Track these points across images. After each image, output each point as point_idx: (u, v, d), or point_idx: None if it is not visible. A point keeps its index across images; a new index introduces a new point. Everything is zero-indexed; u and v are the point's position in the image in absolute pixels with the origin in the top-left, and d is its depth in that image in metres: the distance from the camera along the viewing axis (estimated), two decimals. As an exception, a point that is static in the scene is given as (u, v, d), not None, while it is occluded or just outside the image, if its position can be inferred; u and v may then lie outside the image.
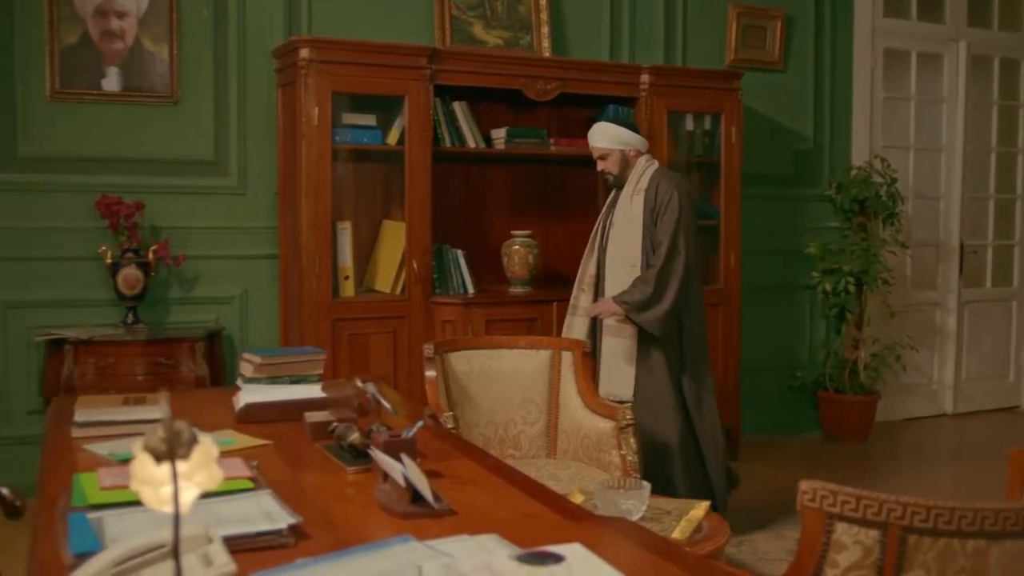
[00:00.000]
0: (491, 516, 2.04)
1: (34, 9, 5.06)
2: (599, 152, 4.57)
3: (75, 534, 1.79)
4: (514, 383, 4.02)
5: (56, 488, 2.18)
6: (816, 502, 1.76)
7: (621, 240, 4.49)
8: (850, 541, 1.73)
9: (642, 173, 4.52)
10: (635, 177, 4.53)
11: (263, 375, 3.13)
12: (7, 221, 5.04)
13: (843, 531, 1.74)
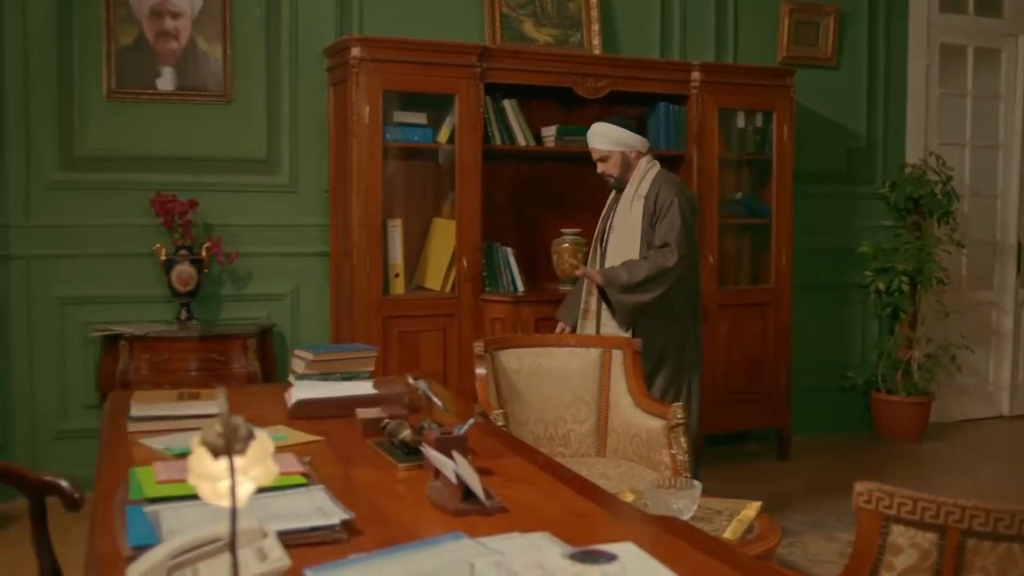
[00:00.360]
0: (542, 514, 2.04)
1: (91, 10, 5.14)
2: (599, 154, 4.48)
3: (132, 527, 1.81)
4: (564, 381, 4.01)
5: (113, 481, 2.21)
6: (872, 504, 1.73)
7: (619, 247, 4.41)
8: (906, 544, 1.71)
9: (643, 177, 4.43)
10: (636, 180, 4.43)
11: (315, 371, 3.15)
12: (65, 219, 5.13)
13: (899, 534, 1.71)
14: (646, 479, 3.32)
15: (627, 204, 4.42)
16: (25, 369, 5.14)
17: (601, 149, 4.46)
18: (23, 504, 4.90)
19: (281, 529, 1.68)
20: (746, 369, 5.90)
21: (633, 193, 4.41)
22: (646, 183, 4.40)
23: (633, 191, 4.41)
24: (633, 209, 4.38)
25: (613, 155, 4.44)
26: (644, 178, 4.42)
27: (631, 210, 4.39)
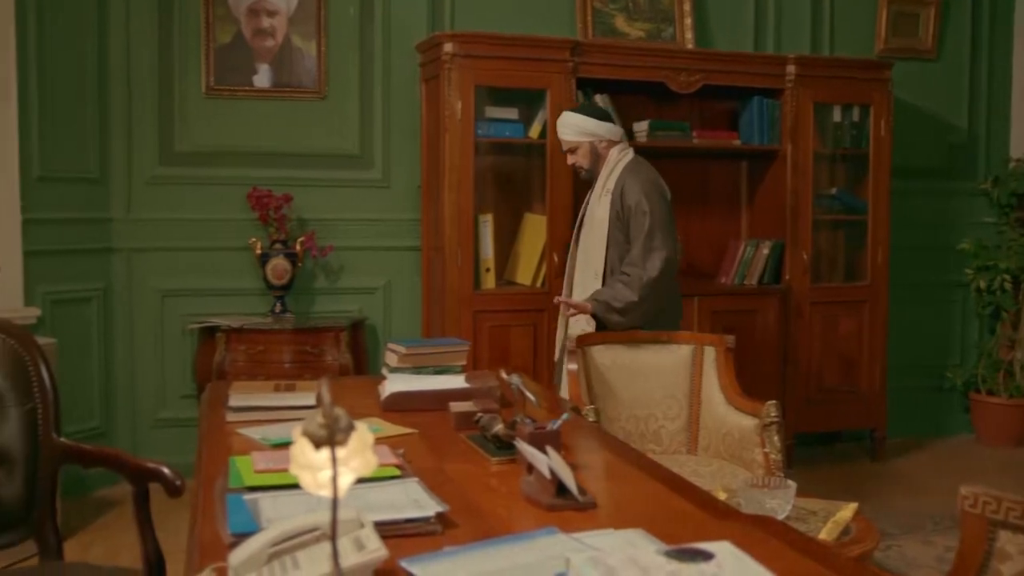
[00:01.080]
0: (636, 511, 2.02)
1: (192, 10, 5.26)
2: (567, 145, 4.31)
3: (233, 514, 1.84)
4: (655, 378, 3.98)
5: (214, 470, 2.25)
6: (978, 508, 1.69)
7: (587, 244, 4.26)
8: (1015, 551, 1.66)
9: (612, 168, 4.24)
10: (606, 173, 4.25)
11: (407, 365, 3.17)
12: (164, 213, 5.26)
13: (1007, 540, 1.66)
14: (739, 477, 3.28)
15: (596, 199, 4.25)
16: (126, 359, 5.29)
17: (568, 140, 4.28)
18: (124, 489, 5.04)
19: (377, 520, 1.70)
20: (839, 368, 5.79)
21: (602, 187, 4.23)
22: (613, 177, 4.21)
23: (602, 185, 4.24)
24: (600, 204, 4.21)
25: (581, 145, 4.25)
26: (613, 171, 4.23)
27: (599, 205, 4.22)
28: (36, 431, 2.66)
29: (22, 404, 2.65)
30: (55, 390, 2.71)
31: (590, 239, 4.23)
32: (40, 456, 2.65)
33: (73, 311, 5.05)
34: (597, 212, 4.20)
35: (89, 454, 2.71)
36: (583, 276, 4.26)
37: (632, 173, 4.18)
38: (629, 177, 4.16)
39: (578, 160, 4.29)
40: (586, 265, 4.26)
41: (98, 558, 4.07)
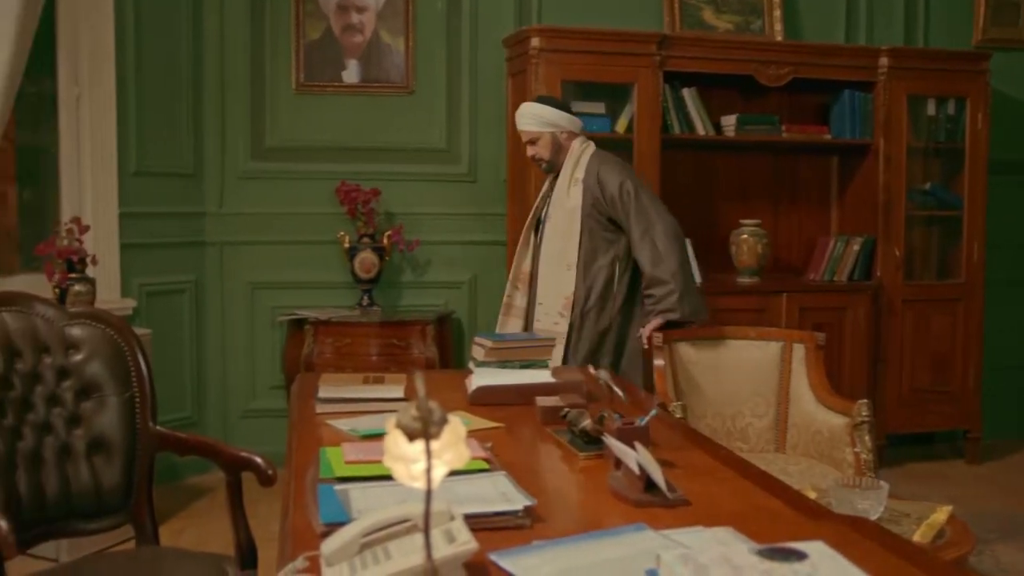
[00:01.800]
0: (725, 508, 2.00)
1: (282, 7, 5.34)
2: (527, 136, 4.15)
3: (325, 504, 1.87)
4: (743, 374, 3.94)
5: (304, 460, 2.28)
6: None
7: (556, 236, 4.10)
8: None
9: (578, 159, 4.11)
10: (571, 164, 4.11)
11: (494, 359, 3.18)
12: (255, 207, 5.35)
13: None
14: (829, 477, 3.23)
15: (564, 190, 4.09)
16: (217, 350, 5.40)
17: (529, 131, 4.13)
18: (215, 478, 5.16)
19: (466, 512, 1.70)
20: (932, 367, 5.65)
21: (569, 178, 4.08)
22: (582, 167, 4.08)
23: (569, 176, 4.08)
24: (571, 195, 4.05)
25: (542, 136, 4.11)
26: (579, 161, 4.10)
27: (569, 196, 4.06)
28: (134, 419, 2.73)
29: (121, 393, 2.72)
30: (152, 379, 2.77)
31: (560, 232, 4.07)
32: (137, 443, 2.72)
33: (167, 303, 5.17)
34: (567, 203, 4.05)
35: (184, 442, 2.77)
36: (554, 270, 4.09)
37: (605, 161, 4.08)
38: (602, 164, 4.05)
39: (538, 151, 4.14)
40: (557, 259, 4.09)
41: (189, 544, 4.15)
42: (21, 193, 4.95)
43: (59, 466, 2.63)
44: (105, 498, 2.68)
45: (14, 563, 2.19)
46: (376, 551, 1.54)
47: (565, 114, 4.14)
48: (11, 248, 4.92)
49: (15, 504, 2.49)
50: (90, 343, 2.74)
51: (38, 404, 2.64)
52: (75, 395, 2.69)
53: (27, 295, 2.74)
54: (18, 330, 2.64)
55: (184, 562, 2.52)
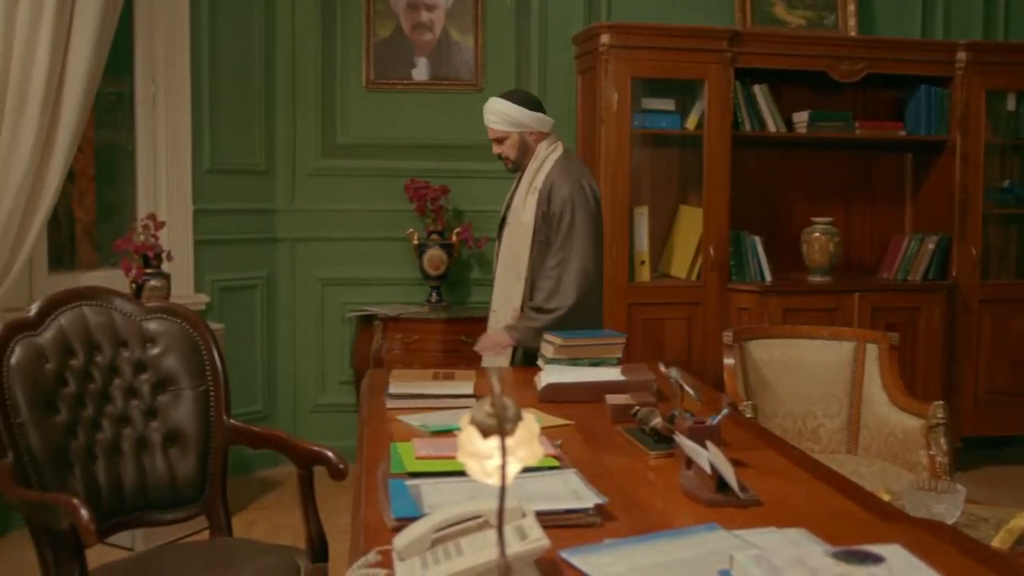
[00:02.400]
0: (798, 510, 1.98)
1: (353, 5, 5.39)
2: (494, 134, 3.89)
3: (396, 499, 1.88)
4: (815, 374, 3.89)
5: (376, 455, 2.30)
6: None
7: (510, 245, 3.87)
8: None
9: (540, 164, 3.83)
10: (533, 169, 3.84)
11: (563, 356, 3.18)
12: (326, 204, 5.41)
13: None
14: (902, 480, 3.17)
15: (522, 197, 3.84)
16: (288, 345, 5.47)
17: (496, 129, 3.88)
18: (285, 471, 5.22)
19: (537, 510, 1.70)
20: (1010, 369, 5.53)
21: (528, 185, 3.83)
22: (541, 174, 3.81)
23: (529, 182, 3.84)
24: (527, 205, 3.80)
25: (510, 136, 3.85)
26: (541, 168, 3.83)
27: (524, 206, 3.81)
28: (209, 412, 2.77)
29: (196, 386, 2.77)
30: (226, 373, 2.82)
31: (514, 240, 3.85)
32: (212, 436, 2.77)
33: (238, 298, 5.25)
34: (523, 215, 3.82)
35: (258, 436, 2.81)
36: (506, 278, 3.89)
37: (562, 172, 3.79)
38: (559, 177, 3.77)
39: (505, 151, 3.89)
40: (508, 267, 3.87)
41: (260, 536, 4.21)
42: (99, 190, 5.06)
43: (136, 457, 2.68)
44: (180, 489, 2.73)
45: (92, 551, 2.24)
46: (448, 547, 1.55)
47: (534, 114, 3.88)
48: (90, 244, 5.04)
49: (95, 494, 2.54)
50: (167, 337, 2.79)
51: (116, 397, 2.70)
52: (152, 388, 2.75)
53: (106, 290, 2.80)
54: (98, 324, 2.69)
55: (257, 554, 2.56)
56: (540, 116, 3.88)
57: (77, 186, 4.88)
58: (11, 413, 2.39)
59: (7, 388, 2.41)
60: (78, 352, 2.63)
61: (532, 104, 3.91)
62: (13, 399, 2.41)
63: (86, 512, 2.09)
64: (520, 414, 1.25)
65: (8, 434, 2.37)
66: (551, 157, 3.85)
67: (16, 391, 2.42)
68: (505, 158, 3.91)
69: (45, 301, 2.64)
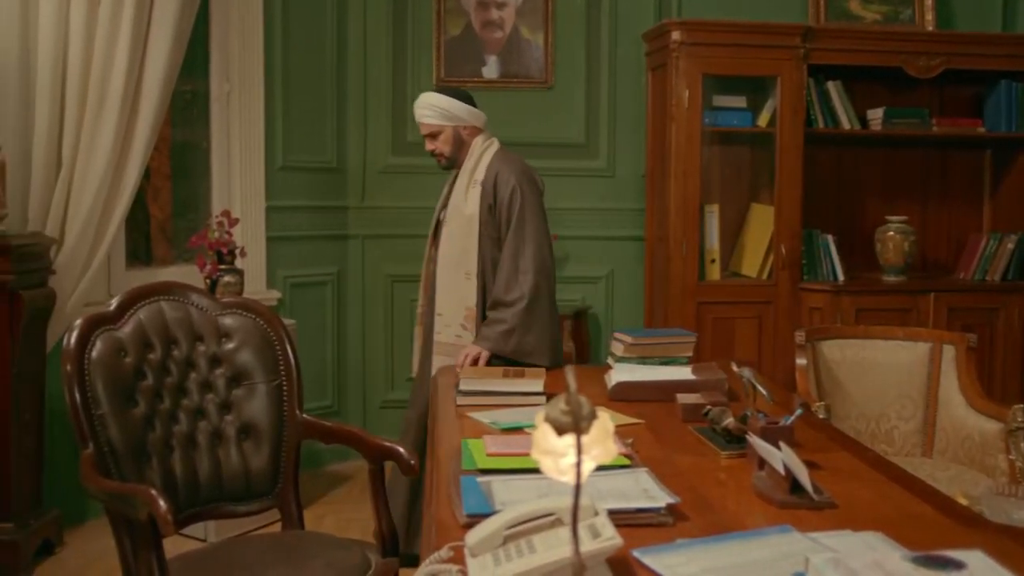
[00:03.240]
0: (874, 513, 1.95)
1: (424, 4, 5.42)
2: (428, 129, 3.79)
3: (468, 496, 1.89)
4: (889, 376, 3.82)
5: (446, 451, 2.32)
6: None
7: (454, 242, 3.73)
8: None
9: (478, 159, 3.76)
10: (471, 163, 3.76)
11: (633, 355, 3.17)
12: (395, 201, 5.45)
13: None
14: (980, 484, 3.11)
15: (462, 192, 3.74)
16: (358, 342, 5.52)
17: (430, 123, 3.77)
18: (354, 466, 5.26)
19: (609, 508, 1.70)
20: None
21: (468, 179, 3.74)
22: (482, 168, 3.74)
23: (468, 177, 3.74)
24: (469, 198, 3.71)
25: (444, 131, 3.76)
26: (480, 161, 3.76)
27: (467, 199, 3.71)
28: (281, 407, 2.81)
29: (269, 381, 2.81)
30: (298, 368, 2.85)
31: (457, 237, 3.72)
32: (284, 430, 2.80)
33: (310, 294, 5.31)
34: (466, 208, 3.71)
35: (330, 431, 2.84)
36: (452, 278, 3.73)
37: (505, 162, 3.73)
38: (502, 166, 3.71)
39: (439, 147, 3.79)
40: (454, 266, 3.73)
41: (329, 530, 4.24)
42: (175, 187, 5.16)
43: (211, 450, 2.73)
44: (253, 482, 2.77)
45: (167, 541, 2.28)
46: (520, 544, 1.55)
47: (468, 107, 3.80)
48: (165, 240, 5.13)
49: (171, 485, 2.59)
50: (241, 332, 2.83)
51: (192, 390, 2.74)
52: (227, 382, 2.79)
53: (183, 285, 2.85)
54: (175, 319, 2.74)
55: (329, 547, 2.59)
56: (474, 110, 3.82)
57: (152, 183, 4.98)
58: (92, 405, 2.45)
59: (88, 381, 2.47)
60: (156, 346, 2.68)
61: (465, 98, 3.84)
62: (94, 391, 2.47)
63: (164, 503, 2.13)
64: (595, 412, 1.24)
65: (89, 425, 2.42)
66: (488, 151, 3.79)
67: (97, 384, 2.48)
68: (439, 154, 3.81)
69: (124, 296, 2.69)
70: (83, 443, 2.42)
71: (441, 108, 3.75)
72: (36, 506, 4.00)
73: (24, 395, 3.87)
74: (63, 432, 4.12)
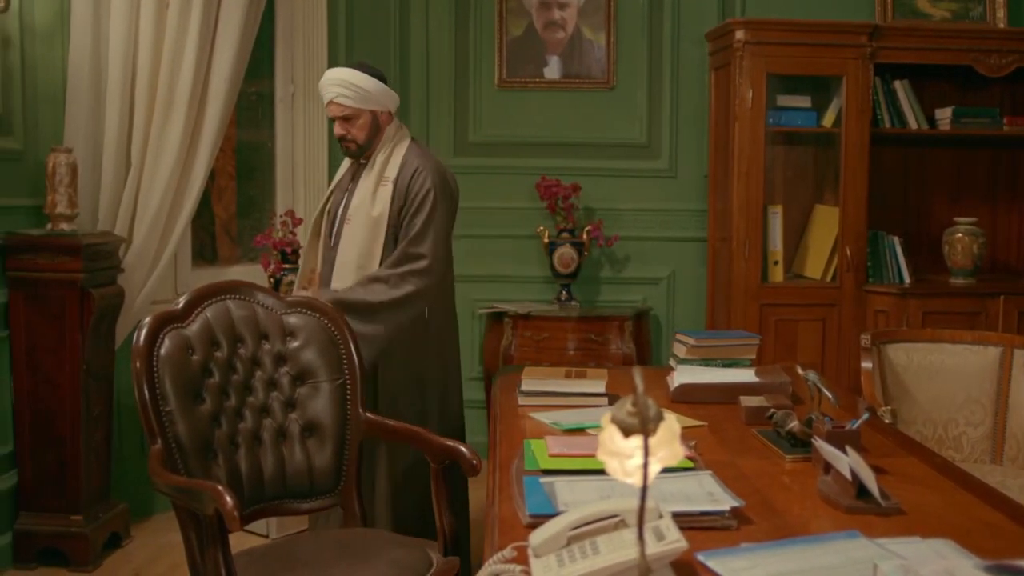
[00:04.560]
0: (943, 520, 1.92)
1: (486, 5, 5.43)
2: (342, 111, 3.34)
3: (531, 496, 1.89)
4: (957, 380, 3.75)
5: (509, 451, 2.32)
6: None
7: (356, 243, 3.34)
8: None
9: (390, 152, 3.38)
10: (383, 156, 3.37)
11: (696, 357, 3.15)
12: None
13: None
14: (1052, 492, 3.04)
15: (370, 188, 3.35)
16: (419, 341, 5.54)
17: (348, 106, 3.33)
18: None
19: (673, 511, 1.69)
20: None
21: (379, 175, 3.36)
22: (395, 162, 3.36)
23: (379, 172, 3.36)
24: (379, 197, 3.33)
25: (362, 115, 3.35)
26: (392, 155, 3.38)
27: (376, 198, 3.33)
28: (345, 405, 2.83)
29: (333, 379, 2.83)
30: (362, 367, 2.87)
31: (361, 237, 3.34)
32: (348, 429, 2.82)
33: (372, 294, 5.34)
34: (373, 208, 3.32)
35: (393, 430, 2.86)
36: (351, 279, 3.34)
37: (422, 161, 3.38)
38: (418, 166, 3.36)
39: (353, 132, 3.36)
40: (355, 269, 3.35)
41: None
42: (239, 187, 5.22)
43: (276, 447, 2.76)
44: (317, 480, 2.79)
45: (230, 537, 2.31)
46: (584, 545, 1.55)
47: (388, 90, 3.42)
48: (229, 240, 5.20)
49: (236, 482, 2.62)
50: (306, 331, 2.86)
51: (258, 388, 2.78)
52: (291, 380, 2.82)
53: (249, 284, 2.88)
54: (241, 318, 2.78)
55: (391, 545, 2.60)
56: (392, 93, 3.45)
57: (217, 183, 5.05)
58: (160, 402, 2.49)
59: (157, 377, 2.51)
60: (223, 344, 2.72)
61: (383, 79, 3.44)
62: (162, 388, 2.50)
63: (231, 499, 2.16)
64: (662, 414, 1.24)
65: (158, 421, 2.46)
66: (401, 143, 3.42)
67: (165, 380, 2.52)
68: (351, 140, 3.38)
69: (192, 294, 2.73)
70: (152, 439, 2.46)
71: (362, 89, 3.33)
72: (104, 500, 4.08)
73: (94, 391, 3.95)
74: (131, 427, 4.20)
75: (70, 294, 3.81)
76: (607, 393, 2.82)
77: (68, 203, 3.88)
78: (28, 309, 3.82)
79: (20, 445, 3.87)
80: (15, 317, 3.82)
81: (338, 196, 3.48)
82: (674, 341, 3.30)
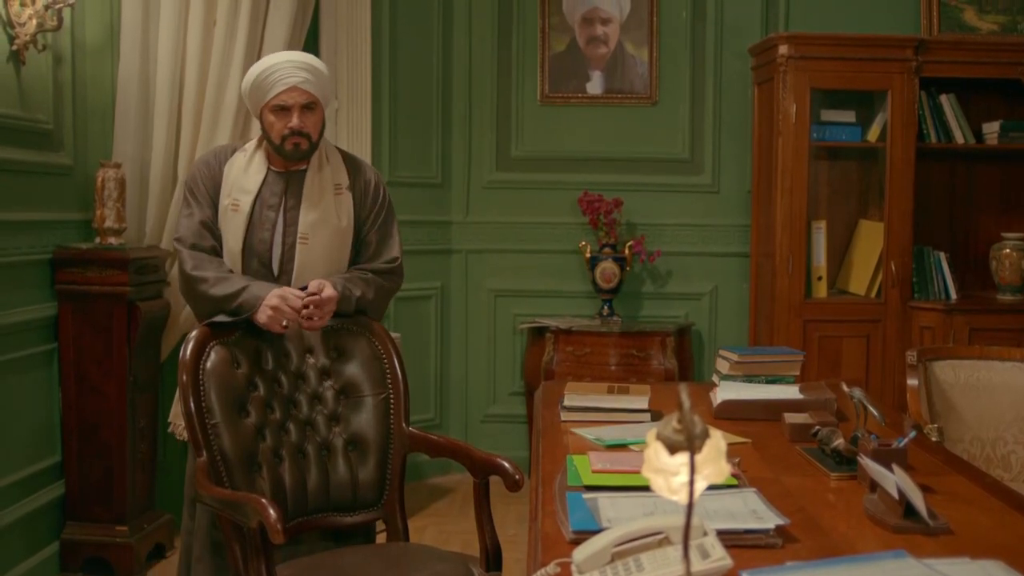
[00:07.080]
0: (992, 540, 1.89)
1: (529, 20, 5.46)
2: (309, 99, 2.91)
3: (575, 512, 1.89)
4: (1006, 398, 3.70)
5: (552, 467, 2.32)
6: None
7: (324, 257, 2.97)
8: None
9: (326, 156, 3.04)
10: (320, 159, 3.02)
11: (739, 373, 3.13)
12: (500, 216, 5.49)
13: None
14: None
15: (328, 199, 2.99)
16: (460, 355, 5.56)
17: (314, 93, 2.93)
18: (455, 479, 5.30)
19: (718, 528, 1.68)
20: None
21: (331, 182, 3.01)
22: (340, 169, 3.04)
23: (328, 179, 3.01)
24: (341, 207, 3.00)
25: (319, 108, 2.96)
26: (330, 159, 3.05)
27: (338, 206, 2.99)
28: (388, 419, 2.85)
29: (377, 394, 2.85)
30: (406, 381, 2.88)
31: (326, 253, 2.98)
32: (391, 443, 2.84)
33: (414, 308, 5.37)
34: (338, 222, 2.99)
35: (436, 444, 2.87)
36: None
37: (363, 163, 3.17)
38: (366, 169, 3.14)
39: (309, 128, 2.93)
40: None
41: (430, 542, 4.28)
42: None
43: (320, 461, 2.78)
44: (360, 494, 2.81)
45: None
46: (628, 562, 1.54)
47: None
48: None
49: (280, 495, 2.64)
50: (350, 345, 2.88)
51: (302, 402, 2.80)
52: (335, 394, 2.84)
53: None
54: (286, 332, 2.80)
55: (433, 559, 2.61)
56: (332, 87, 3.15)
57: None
58: (206, 415, 2.52)
59: (203, 391, 2.53)
60: (268, 358, 2.74)
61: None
62: (208, 401, 2.53)
63: (274, 512, 2.18)
64: (708, 431, 1.24)
65: (203, 434, 2.49)
66: (332, 148, 3.12)
67: (211, 394, 2.54)
68: (306, 135, 2.93)
69: (238, 308, 2.75)
70: (197, 451, 2.48)
71: (324, 77, 2.96)
72: (149, 510, 4.12)
73: (139, 402, 4.00)
74: (174, 439, 4.24)
75: (117, 307, 3.87)
76: (650, 409, 2.81)
77: (116, 217, 3.94)
78: (76, 322, 3.88)
79: (67, 456, 3.92)
80: (64, 329, 3.88)
81: (269, 216, 2.97)
82: (717, 357, 3.28)
